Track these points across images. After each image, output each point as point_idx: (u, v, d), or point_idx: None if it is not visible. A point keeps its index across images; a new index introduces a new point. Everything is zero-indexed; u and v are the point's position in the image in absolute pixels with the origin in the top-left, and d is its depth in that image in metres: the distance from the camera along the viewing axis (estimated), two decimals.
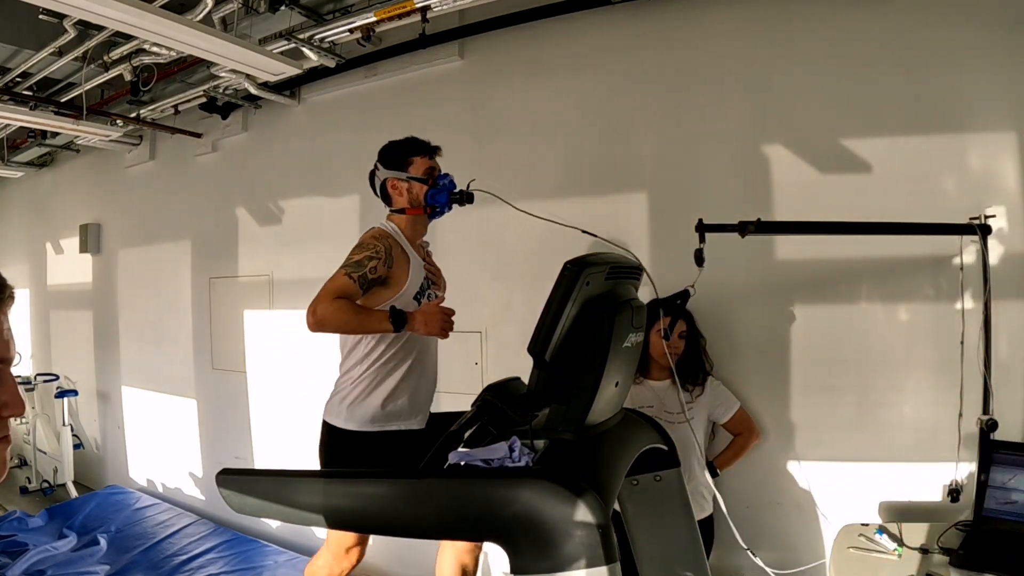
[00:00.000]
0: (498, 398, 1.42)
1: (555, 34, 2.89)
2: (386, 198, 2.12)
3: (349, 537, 2.12)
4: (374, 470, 1.87)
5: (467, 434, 1.40)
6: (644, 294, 1.73)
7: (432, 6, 2.66)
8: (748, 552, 1.90)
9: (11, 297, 0.71)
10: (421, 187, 2.06)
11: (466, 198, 2.05)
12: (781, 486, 2.47)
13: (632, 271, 1.56)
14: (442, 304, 1.98)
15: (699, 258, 2.03)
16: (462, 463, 1.29)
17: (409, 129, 2.52)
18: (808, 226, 2.21)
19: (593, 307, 1.33)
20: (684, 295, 2.05)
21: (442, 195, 2.05)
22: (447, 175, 2.09)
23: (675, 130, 2.67)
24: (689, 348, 2.43)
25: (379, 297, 1.96)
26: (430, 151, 2.10)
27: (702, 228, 2.09)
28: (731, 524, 1.90)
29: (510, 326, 2.97)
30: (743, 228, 2.06)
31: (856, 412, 2.36)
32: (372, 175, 2.14)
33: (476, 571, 2.22)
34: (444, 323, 1.87)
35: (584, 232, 1.86)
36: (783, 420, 2.47)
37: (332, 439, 2.08)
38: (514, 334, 2.92)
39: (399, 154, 2.08)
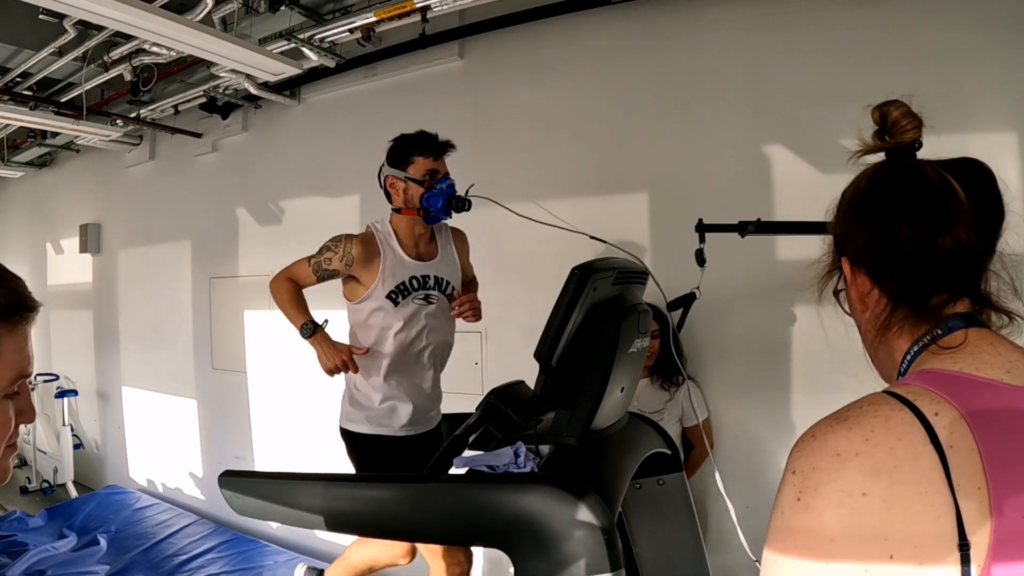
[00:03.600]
0: (503, 402, 1.41)
1: (555, 34, 2.88)
2: (387, 195, 2.05)
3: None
4: (378, 474, 1.88)
5: (472, 438, 1.40)
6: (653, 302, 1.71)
7: (432, 6, 2.66)
8: (754, 563, 1.88)
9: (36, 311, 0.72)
10: (418, 189, 1.95)
11: (463, 204, 1.96)
12: None
13: (638, 275, 1.56)
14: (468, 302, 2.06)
15: (700, 258, 2.03)
16: (467, 468, 1.29)
17: (409, 129, 2.47)
18: (808, 226, 2.20)
19: (600, 312, 1.33)
20: (689, 299, 2.05)
21: (437, 199, 1.94)
22: (447, 179, 1.98)
23: (675, 130, 2.67)
24: (664, 347, 2.43)
25: (355, 291, 2.02)
26: (434, 151, 1.97)
27: (702, 228, 2.09)
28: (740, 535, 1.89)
29: (510, 326, 2.97)
30: (743, 228, 2.06)
31: None
32: (380, 169, 2.07)
33: None
34: (331, 367, 1.93)
35: (591, 238, 1.80)
36: (783, 420, 2.47)
37: (348, 443, 2.10)
38: (514, 334, 2.92)
39: (402, 151, 1.99)
